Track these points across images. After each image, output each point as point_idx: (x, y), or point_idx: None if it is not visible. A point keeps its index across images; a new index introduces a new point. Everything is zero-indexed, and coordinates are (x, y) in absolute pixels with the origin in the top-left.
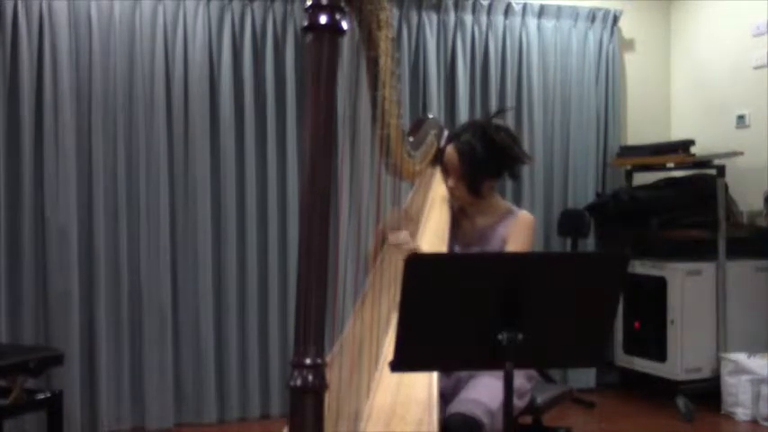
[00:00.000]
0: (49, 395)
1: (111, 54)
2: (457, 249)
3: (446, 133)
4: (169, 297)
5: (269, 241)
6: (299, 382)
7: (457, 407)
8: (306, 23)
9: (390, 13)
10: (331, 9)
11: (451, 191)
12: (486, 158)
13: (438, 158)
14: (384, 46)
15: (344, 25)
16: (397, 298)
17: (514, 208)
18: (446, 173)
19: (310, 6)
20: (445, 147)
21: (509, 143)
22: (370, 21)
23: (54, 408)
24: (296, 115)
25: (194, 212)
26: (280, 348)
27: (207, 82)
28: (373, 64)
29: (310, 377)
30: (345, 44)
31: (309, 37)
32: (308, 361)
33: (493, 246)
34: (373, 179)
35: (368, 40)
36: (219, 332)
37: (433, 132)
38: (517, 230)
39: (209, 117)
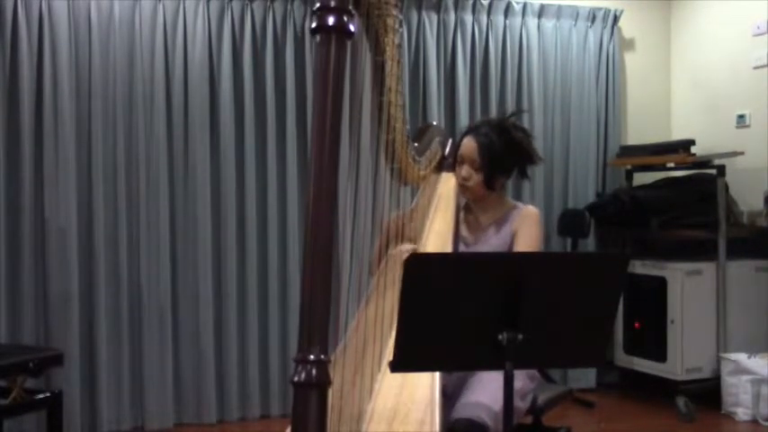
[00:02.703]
0: (48, 395)
1: (110, 54)
2: (462, 247)
3: (450, 141)
4: (169, 297)
5: (269, 240)
6: (302, 377)
7: (462, 411)
8: (314, 25)
9: (397, 19)
10: (339, 11)
11: (464, 181)
12: (504, 154)
13: (442, 165)
14: (390, 51)
15: (352, 27)
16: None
17: (519, 204)
18: (460, 164)
19: (318, 8)
20: (461, 140)
21: (526, 142)
22: (378, 26)
23: (54, 408)
24: (296, 115)
25: (194, 212)
26: (279, 348)
27: (207, 82)
28: (380, 69)
29: (314, 372)
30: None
31: (317, 38)
32: (311, 357)
33: (499, 241)
34: (378, 182)
35: (375, 44)
36: (219, 332)
37: (437, 139)
38: (525, 225)
39: (208, 117)
